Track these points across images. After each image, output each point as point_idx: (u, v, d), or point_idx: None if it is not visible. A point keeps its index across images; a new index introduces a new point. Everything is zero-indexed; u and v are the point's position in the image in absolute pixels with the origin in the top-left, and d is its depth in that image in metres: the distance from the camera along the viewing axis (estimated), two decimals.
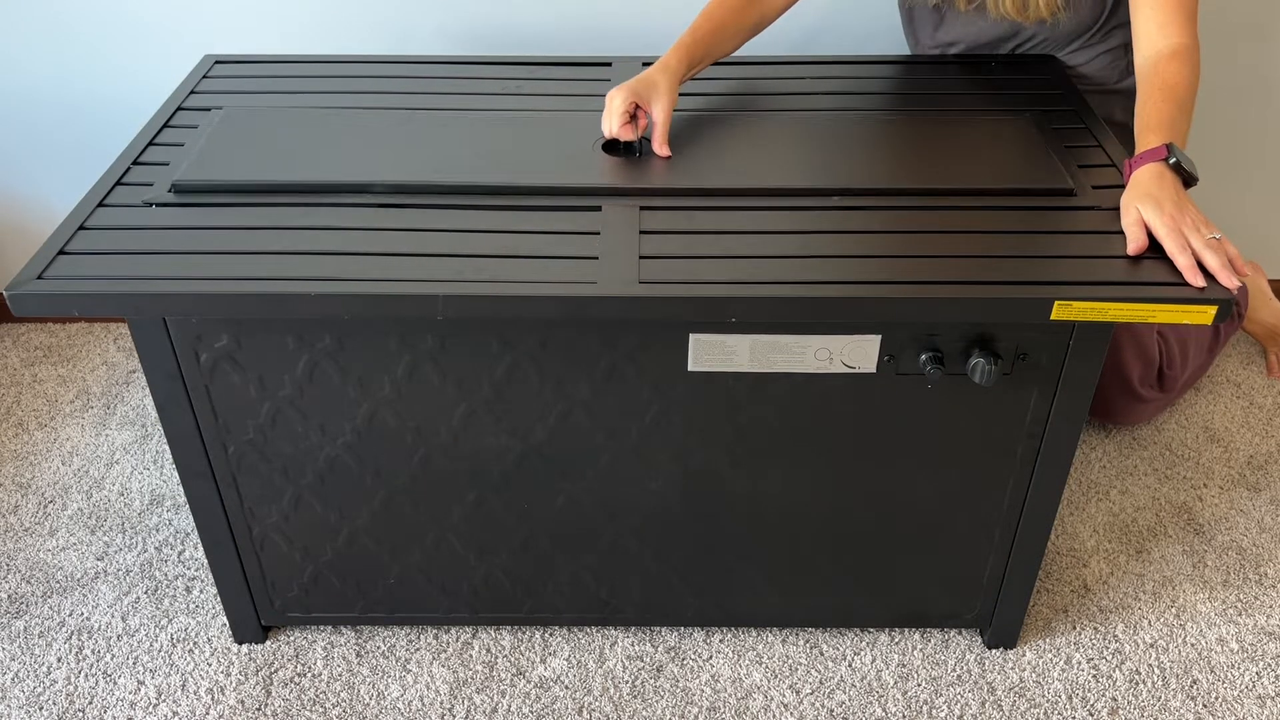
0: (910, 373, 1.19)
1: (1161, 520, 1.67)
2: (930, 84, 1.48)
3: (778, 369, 1.19)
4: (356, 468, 1.29)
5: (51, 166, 1.94)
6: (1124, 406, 1.75)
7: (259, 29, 1.79)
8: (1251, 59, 1.83)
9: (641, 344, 1.17)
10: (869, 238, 1.16)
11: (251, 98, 1.45)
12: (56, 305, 1.09)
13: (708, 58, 1.42)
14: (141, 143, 1.34)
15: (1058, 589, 1.56)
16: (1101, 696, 1.42)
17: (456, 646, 1.48)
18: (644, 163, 1.29)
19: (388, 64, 1.54)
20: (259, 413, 1.23)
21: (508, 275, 1.10)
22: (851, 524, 1.35)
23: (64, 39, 1.80)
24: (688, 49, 1.37)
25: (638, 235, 1.16)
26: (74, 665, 1.45)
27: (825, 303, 1.08)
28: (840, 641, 1.49)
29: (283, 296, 1.08)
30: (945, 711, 1.40)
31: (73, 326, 2.10)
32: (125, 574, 1.58)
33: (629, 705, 1.41)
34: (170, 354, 1.18)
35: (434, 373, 1.20)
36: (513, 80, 1.49)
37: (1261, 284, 1.96)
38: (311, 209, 1.21)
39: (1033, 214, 1.20)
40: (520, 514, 1.33)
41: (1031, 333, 1.16)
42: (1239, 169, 1.95)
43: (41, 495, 1.72)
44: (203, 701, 1.41)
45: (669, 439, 1.26)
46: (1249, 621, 1.52)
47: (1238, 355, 2.00)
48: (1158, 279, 1.10)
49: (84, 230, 1.18)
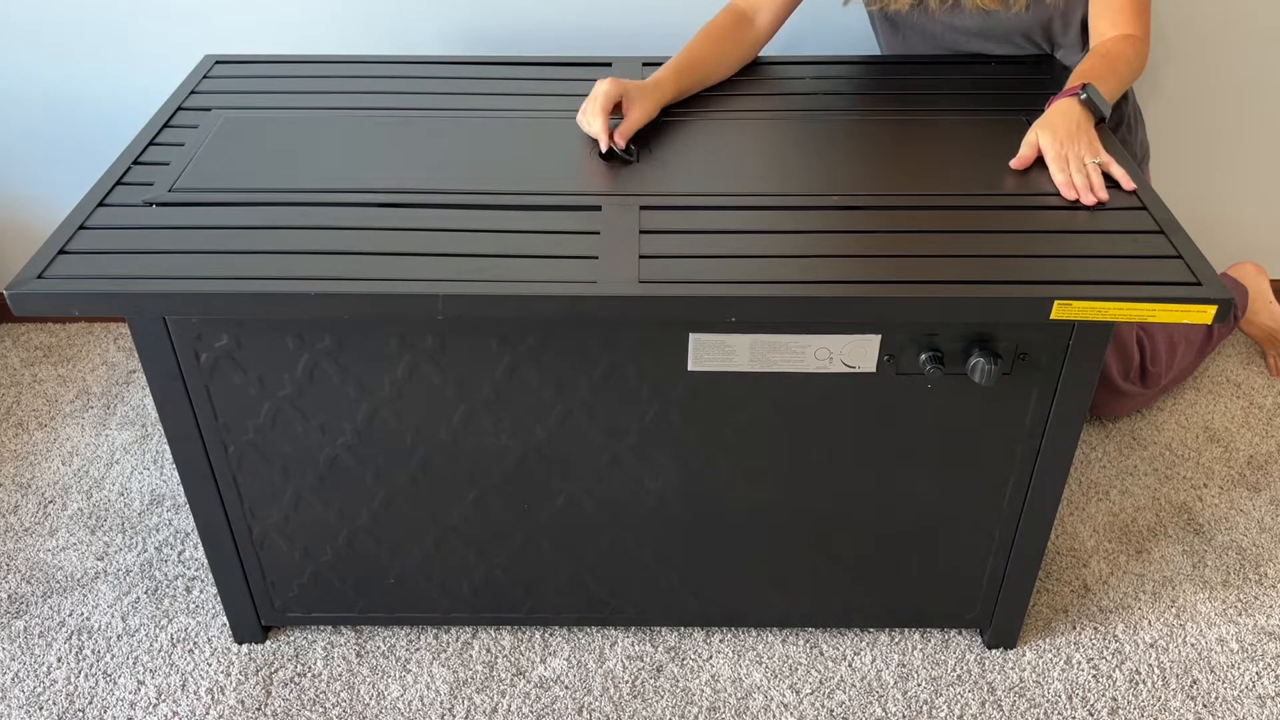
0: (910, 372, 1.19)
1: (1161, 520, 1.67)
2: (930, 84, 1.48)
3: (777, 369, 1.19)
4: (356, 468, 1.29)
5: (51, 166, 1.94)
6: (1105, 400, 1.77)
7: (259, 29, 1.79)
8: (1251, 61, 1.83)
9: (641, 344, 1.17)
10: (869, 237, 1.16)
11: (251, 98, 1.45)
12: (56, 305, 1.09)
13: (699, 84, 1.44)
14: (142, 143, 1.34)
15: (1058, 589, 1.56)
16: (1101, 696, 1.42)
17: (456, 646, 1.48)
18: (644, 165, 1.29)
19: (388, 64, 1.54)
20: (259, 413, 1.23)
21: (508, 275, 1.10)
22: (851, 524, 1.35)
23: (65, 39, 1.80)
24: (679, 72, 1.40)
25: (638, 235, 1.16)
26: (74, 665, 1.45)
27: (825, 302, 1.08)
28: (840, 641, 1.49)
29: (283, 296, 1.08)
30: (945, 711, 1.40)
31: (73, 326, 2.10)
32: (125, 574, 1.58)
33: (629, 705, 1.41)
34: (170, 354, 1.18)
35: (434, 373, 1.20)
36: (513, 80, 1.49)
37: (1262, 286, 1.96)
38: (311, 209, 1.21)
39: (1032, 214, 1.20)
40: (520, 514, 1.33)
41: (1031, 332, 1.16)
42: (1238, 170, 1.96)
43: (41, 495, 1.72)
44: (203, 701, 1.41)
45: (669, 439, 1.26)
46: (1249, 621, 1.52)
47: (1238, 355, 2.00)
48: (1158, 279, 1.10)
49: (84, 230, 1.18)
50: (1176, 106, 1.88)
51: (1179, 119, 1.89)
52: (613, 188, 1.25)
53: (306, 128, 1.36)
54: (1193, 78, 1.85)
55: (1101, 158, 1.24)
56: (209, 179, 1.26)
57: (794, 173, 1.28)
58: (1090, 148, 1.25)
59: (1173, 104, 1.87)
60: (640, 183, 1.26)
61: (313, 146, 1.32)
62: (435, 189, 1.24)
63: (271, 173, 1.27)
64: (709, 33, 1.46)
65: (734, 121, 1.39)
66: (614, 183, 1.26)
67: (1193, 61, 1.83)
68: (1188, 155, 1.93)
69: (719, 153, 1.32)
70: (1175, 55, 1.82)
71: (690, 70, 1.41)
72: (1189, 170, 1.95)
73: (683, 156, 1.31)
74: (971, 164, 1.29)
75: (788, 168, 1.29)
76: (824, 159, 1.30)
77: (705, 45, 1.44)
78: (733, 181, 1.26)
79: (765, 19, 1.49)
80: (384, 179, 1.26)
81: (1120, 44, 1.36)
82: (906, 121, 1.39)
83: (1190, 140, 1.92)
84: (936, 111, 1.41)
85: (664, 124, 1.38)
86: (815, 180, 1.26)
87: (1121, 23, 1.38)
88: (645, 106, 1.33)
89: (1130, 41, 1.37)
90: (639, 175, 1.27)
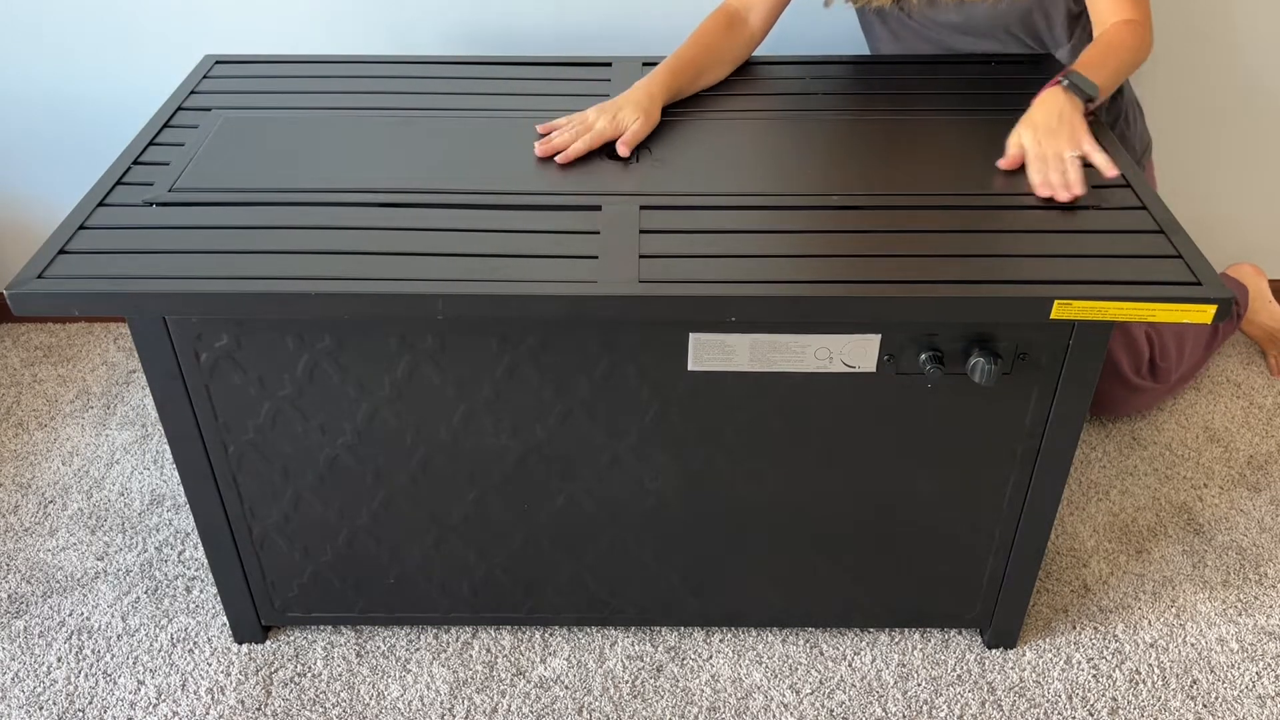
0: (910, 372, 1.19)
1: (1161, 520, 1.67)
2: (929, 84, 1.48)
3: (777, 368, 1.19)
4: (356, 468, 1.29)
5: (51, 166, 1.94)
6: (1120, 397, 1.76)
7: (259, 29, 1.79)
8: (1250, 61, 1.83)
9: (641, 344, 1.17)
10: (868, 237, 1.16)
11: (251, 98, 1.45)
12: (57, 304, 1.09)
13: (693, 86, 1.44)
14: (142, 142, 1.34)
15: (1058, 589, 1.56)
16: (1101, 696, 1.42)
17: (456, 646, 1.48)
18: (644, 165, 1.30)
19: (388, 64, 1.54)
20: (259, 412, 1.23)
21: (508, 275, 1.10)
22: (851, 524, 1.35)
23: (65, 39, 1.80)
24: (673, 74, 1.40)
25: (638, 235, 1.16)
26: (74, 665, 1.45)
27: (825, 302, 1.08)
28: (840, 641, 1.49)
29: (283, 296, 1.08)
30: (945, 711, 1.40)
31: (73, 326, 2.10)
32: (125, 574, 1.58)
33: (629, 705, 1.41)
34: (170, 354, 1.18)
35: (434, 373, 1.20)
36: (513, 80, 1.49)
37: (1261, 286, 1.96)
38: (311, 209, 1.21)
39: (1032, 214, 1.20)
40: (520, 514, 1.33)
41: (1031, 332, 1.16)
42: (1236, 170, 1.96)
43: (41, 495, 1.72)
44: (203, 701, 1.41)
45: (669, 439, 1.26)
46: (1249, 621, 1.52)
47: (1238, 355, 2.00)
48: (1158, 278, 1.10)
49: (84, 230, 1.18)
50: (1175, 106, 1.88)
51: (1177, 119, 1.89)
52: (613, 188, 1.25)
53: (306, 128, 1.36)
54: (1191, 78, 1.85)
55: (1082, 149, 1.24)
56: (209, 179, 1.26)
57: (794, 173, 1.28)
58: (1070, 140, 1.25)
59: (1171, 104, 1.87)
60: (640, 183, 1.26)
61: (313, 146, 1.32)
62: (435, 189, 1.24)
63: (271, 173, 1.27)
64: (701, 34, 1.46)
65: (734, 121, 1.39)
66: (614, 183, 1.26)
67: (1191, 61, 1.83)
68: (1186, 155, 1.93)
69: (719, 153, 1.32)
70: (1174, 55, 1.82)
71: (684, 71, 1.42)
72: (1187, 170, 1.94)
73: (683, 156, 1.31)
74: (971, 163, 1.29)
75: (788, 168, 1.29)
76: (824, 159, 1.30)
77: (698, 46, 1.45)
78: (733, 181, 1.26)
79: (757, 18, 1.50)
80: (384, 179, 1.26)
81: (1120, 30, 1.36)
82: (906, 121, 1.39)
83: (1188, 140, 1.92)
84: (936, 111, 1.41)
85: (664, 124, 1.38)
86: (815, 180, 1.26)
87: (1120, 8, 1.38)
88: (642, 124, 1.33)
89: (1131, 26, 1.37)
90: (639, 175, 1.27)
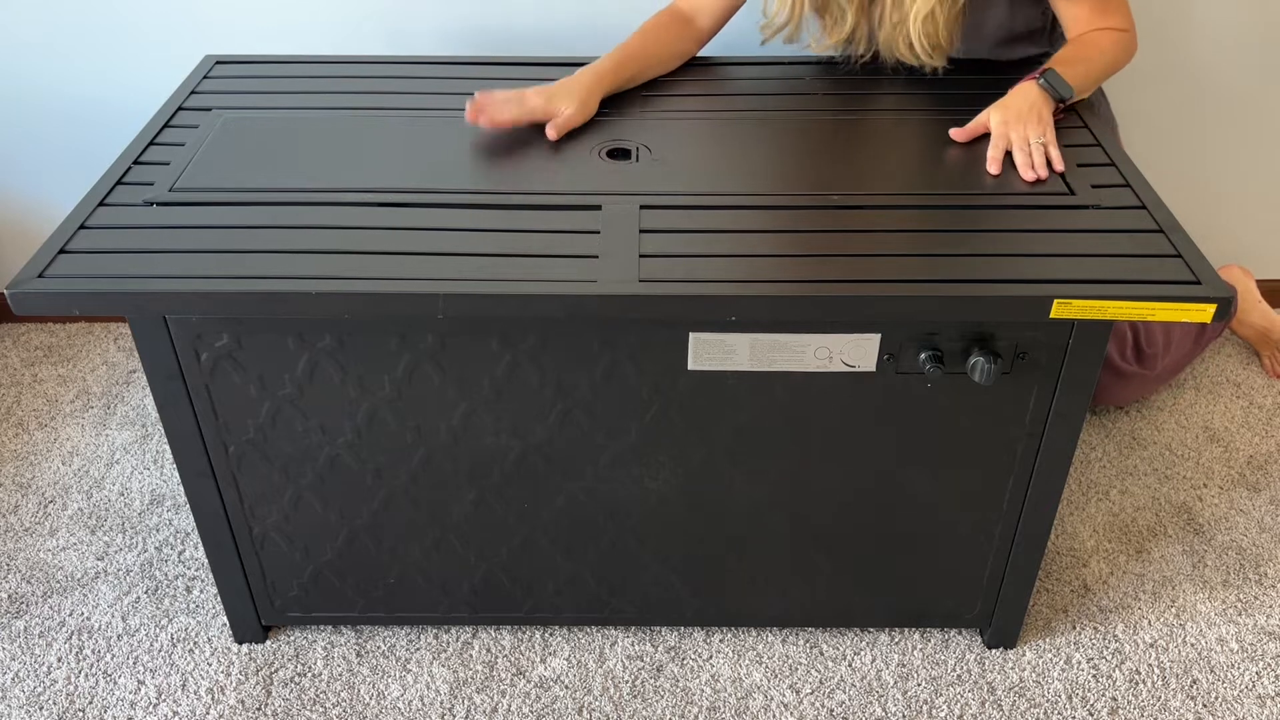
0: (910, 372, 1.19)
1: (1161, 520, 1.67)
2: (929, 84, 1.48)
3: (777, 368, 1.19)
4: (356, 467, 1.29)
5: (51, 166, 1.94)
6: (1108, 383, 1.76)
7: (259, 29, 1.79)
8: (1240, 64, 1.83)
9: (641, 343, 1.17)
10: (868, 237, 1.16)
11: (251, 98, 1.45)
12: (57, 304, 1.09)
13: (636, 79, 1.46)
14: (142, 142, 1.34)
15: (1058, 589, 1.56)
16: (1101, 696, 1.42)
17: (456, 646, 1.48)
18: (644, 165, 1.30)
19: (388, 64, 1.54)
20: (259, 412, 1.23)
21: (508, 274, 1.10)
22: (851, 523, 1.35)
23: (65, 39, 1.80)
24: (616, 68, 1.42)
25: (638, 234, 1.16)
26: (74, 665, 1.45)
27: (825, 302, 1.08)
28: (840, 641, 1.49)
29: (283, 295, 1.08)
30: (945, 711, 1.40)
31: (73, 326, 2.10)
32: (125, 574, 1.58)
33: (629, 705, 1.41)
34: (170, 353, 1.18)
35: (434, 372, 1.20)
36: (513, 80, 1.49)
37: (1250, 287, 1.96)
38: (311, 209, 1.21)
39: (1032, 213, 1.20)
40: (520, 514, 1.33)
41: (1031, 331, 1.16)
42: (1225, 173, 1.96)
43: (41, 495, 1.72)
44: (203, 701, 1.41)
45: (669, 439, 1.26)
46: (1249, 621, 1.52)
47: (1238, 355, 2.00)
48: (1157, 277, 1.10)
49: (85, 229, 1.18)
50: (1164, 110, 1.88)
51: (1167, 122, 1.89)
52: (613, 187, 1.25)
53: (306, 128, 1.36)
54: (1181, 82, 1.85)
55: (1045, 139, 1.29)
56: (209, 179, 1.26)
57: (794, 172, 1.28)
58: (1036, 128, 1.29)
59: (1161, 107, 1.87)
60: (640, 182, 1.26)
61: (313, 146, 1.32)
62: (435, 189, 1.24)
63: (271, 173, 1.27)
64: (646, 29, 1.49)
65: (734, 121, 1.39)
66: (614, 182, 1.26)
67: (1182, 65, 1.83)
68: (1175, 159, 1.93)
69: (719, 153, 1.32)
70: (1165, 58, 1.82)
71: (627, 66, 1.44)
72: (1176, 174, 1.94)
73: (683, 156, 1.31)
74: (972, 163, 1.29)
75: (788, 167, 1.29)
76: (824, 159, 1.30)
77: (642, 41, 1.47)
78: (733, 181, 1.26)
79: (706, 20, 1.52)
80: (384, 179, 1.26)
81: (1098, 36, 1.40)
82: (907, 121, 1.39)
83: (1177, 144, 1.92)
84: (936, 111, 1.41)
85: (664, 124, 1.38)
86: (815, 180, 1.26)
87: (1100, 17, 1.41)
88: (576, 112, 1.35)
89: (1107, 34, 1.41)
90: (639, 175, 1.27)
